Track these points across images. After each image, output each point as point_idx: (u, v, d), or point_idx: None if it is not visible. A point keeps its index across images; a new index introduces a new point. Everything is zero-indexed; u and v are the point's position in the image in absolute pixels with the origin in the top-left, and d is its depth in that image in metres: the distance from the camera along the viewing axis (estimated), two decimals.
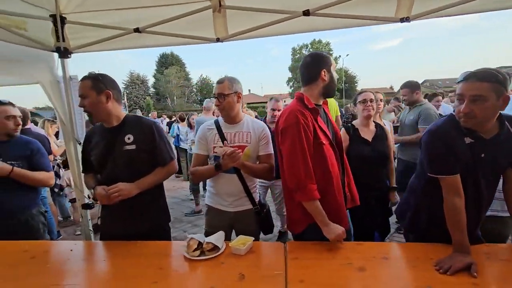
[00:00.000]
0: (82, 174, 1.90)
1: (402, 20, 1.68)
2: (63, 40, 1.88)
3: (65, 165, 3.63)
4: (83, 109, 1.61)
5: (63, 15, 1.85)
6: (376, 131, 2.24)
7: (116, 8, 1.79)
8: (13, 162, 1.87)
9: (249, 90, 51.06)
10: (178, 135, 6.84)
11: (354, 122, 2.28)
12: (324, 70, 1.54)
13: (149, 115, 11.26)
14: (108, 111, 1.62)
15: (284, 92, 48.11)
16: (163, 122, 10.26)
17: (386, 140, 2.28)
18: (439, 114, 3.37)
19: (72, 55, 1.99)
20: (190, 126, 6.22)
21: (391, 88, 47.10)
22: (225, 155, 1.57)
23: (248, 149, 1.74)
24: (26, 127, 3.43)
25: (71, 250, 1.60)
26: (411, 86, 3.28)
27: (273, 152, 1.83)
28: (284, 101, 4.15)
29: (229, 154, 1.56)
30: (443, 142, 1.32)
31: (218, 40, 1.82)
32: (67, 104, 2.00)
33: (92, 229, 2.18)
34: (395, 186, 2.34)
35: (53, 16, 1.82)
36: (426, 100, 3.52)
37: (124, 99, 37.29)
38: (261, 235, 1.89)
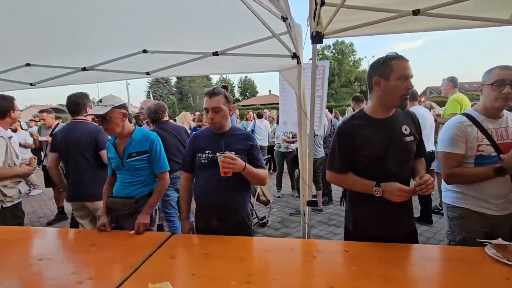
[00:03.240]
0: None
1: None
2: (317, 24, 1.75)
3: None
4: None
5: None
6: None
7: None
8: (237, 155, 1.70)
9: (270, 91, 50.85)
10: (253, 131, 6.81)
11: None
12: None
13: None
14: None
15: None
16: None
17: None
18: None
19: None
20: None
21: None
22: None
23: None
24: (164, 119, 3.41)
25: (347, 251, 1.48)
26: None
27: None
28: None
29: None
30: None
31: None
32: (311, 93, 1.88)
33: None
34: None
35: None
36: None
37: (151, 98, 38.01)
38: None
